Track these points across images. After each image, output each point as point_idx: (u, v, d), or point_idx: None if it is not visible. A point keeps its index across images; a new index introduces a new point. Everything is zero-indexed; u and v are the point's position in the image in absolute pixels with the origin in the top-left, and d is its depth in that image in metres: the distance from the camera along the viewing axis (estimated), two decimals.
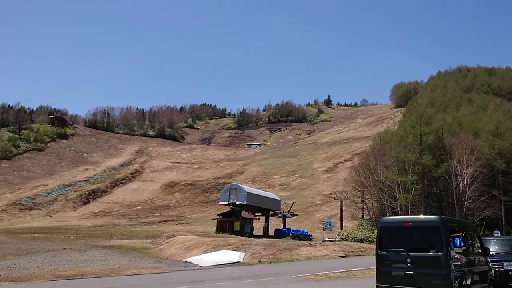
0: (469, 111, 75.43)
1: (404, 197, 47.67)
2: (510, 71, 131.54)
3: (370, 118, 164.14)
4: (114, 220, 76.70)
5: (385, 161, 52.32)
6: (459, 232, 11.61)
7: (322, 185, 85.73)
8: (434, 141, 52.79)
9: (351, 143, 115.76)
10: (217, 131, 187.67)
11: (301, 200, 75.73)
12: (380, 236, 11.14)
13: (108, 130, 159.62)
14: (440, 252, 9.88)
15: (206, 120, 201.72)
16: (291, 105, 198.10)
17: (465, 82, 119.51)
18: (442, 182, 52.67)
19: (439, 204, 52.99)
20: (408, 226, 10.86)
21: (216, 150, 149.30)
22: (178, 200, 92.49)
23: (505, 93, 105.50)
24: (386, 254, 10.75)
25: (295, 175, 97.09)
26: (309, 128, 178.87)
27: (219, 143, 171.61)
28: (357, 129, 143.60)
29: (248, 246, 31.24)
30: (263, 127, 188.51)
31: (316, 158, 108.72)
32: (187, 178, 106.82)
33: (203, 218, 73.89)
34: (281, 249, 30.56)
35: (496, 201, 49.05)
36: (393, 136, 64.11)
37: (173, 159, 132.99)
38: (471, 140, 51.62)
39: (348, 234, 45.61)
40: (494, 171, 51.32)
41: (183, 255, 31.61)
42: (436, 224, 10.34)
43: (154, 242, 43.31)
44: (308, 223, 64.02)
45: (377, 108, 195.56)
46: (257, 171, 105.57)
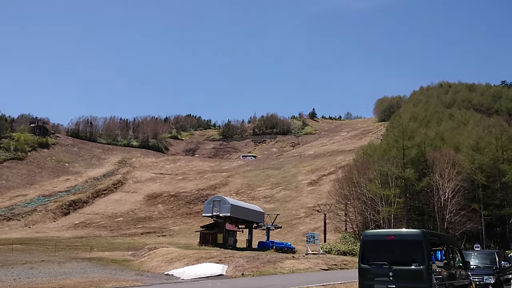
0: (450, 126, 76.87)
1: (387, 210, 48.03)
2: (490, 87, 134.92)
3: (354, 131, 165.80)
4: (95, 232, 75.34)
5: (368, 174, 52.77)
6: (441, 245, 11.71)
7: (306, 197, 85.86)
8: (416, 155, 53.54)
9: (335, 156, 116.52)
10: (201, 142, 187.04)
11: (285, 212, 75.66)
12: (362, 250, 11.17)
13: (90, 140, 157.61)
14: (422, 266, 9.94)
15: (190, 131, 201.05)
16: (276, 118, 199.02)
17: (447, 98, 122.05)
18: (424, 195, 53.30)
19: (421, 218, 53.55)
20: (390, 239, 10.91)
21: (200, 162, 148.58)
22: (161, 212, 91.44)
23: (485, 109, 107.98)
24: (369, 267, 10.77)
25: (279, 188, 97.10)
26: (293, 140, 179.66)
27: (204, 154, 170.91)
28: (341, 142, 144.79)
29: (231, 258, 30.96)
30: (248, 139, 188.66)
31: (300, 170, 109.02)
32: (170, 190, 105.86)
33: (186, 230, 73.12)
34: (264, 262, 30.35)
35: (477, 215, 49.79)
36: (376, 150, 64.81)
37: (156, 170, 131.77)
38: (452, 155, 52.50)
39: (332, 247, 45.63)
40: (474, 185, 52.19)
41: (165, 268, 31.13)
42: (418, 238, 10.42)
43: (136, 254, 42.59)
44: (291, 236, 63.89)
45: (361, 121, 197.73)
46: (241, 183, 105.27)
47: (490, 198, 52.29)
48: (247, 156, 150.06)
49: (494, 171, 52.99)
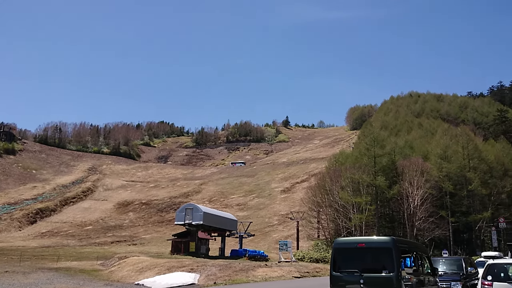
0: (419, 135, 78.83)
1: (359, 218, 48.61)
2: (457, 98, 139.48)
3: (327, 139, 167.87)
4: (63, 241, 73.13)
5: (340, 182, 53.34)
6: (410, 252, 11.90)
7: (279, 205, 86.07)
8: (387, 163, 54.54)
9: (308, 163, 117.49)
10: (174, 149, 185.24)
11: (258, 220, 75.57)
12: (334, 257, 11.24)
13: (59, 147, 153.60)
14: (392, 273, 10.06)
15: (163, 138, 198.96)
16: (250, 125, 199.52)
17: (416, 107, 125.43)
18: (394, 203, 54.27)
19: (392, 225, 54.45)
20: (361, 247, 11.02)
21: (173, 169, 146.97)
22: (131, 220, 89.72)
23: (452, 119, 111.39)
24: (340, 275, 10.83)
25: (253, 195, 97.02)
26: (267, 148, 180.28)
27: (176, 161, 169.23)
28: (314, 150, 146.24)
29: (203, 267, 30.62)
30: (222, 146, 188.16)
31: (274, 178, 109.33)
32: (142, 197, 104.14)
33: (157, 239, 71.95)
34: (237, 270, 30.15)
35: (445, 222, 51.05)
36: (348, 158, 65.66)
37: (127, 178, 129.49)
38: (421, 163, 53.75)
39: (304, 254, 45.77)
40: (442, 193, 53.55)
41: (135, 278, 30.47)
42: (387, 245, 10.56)
43: (105, 263, 41.56)
44: (264, 244, 63.80)
45: (333, 130, 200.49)
46: (214, 190, 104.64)
47: (457, 205, 53.76)
48: (236, 163, 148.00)
49: (460, 179, 54.56)
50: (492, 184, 55.52)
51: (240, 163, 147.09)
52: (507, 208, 56.92)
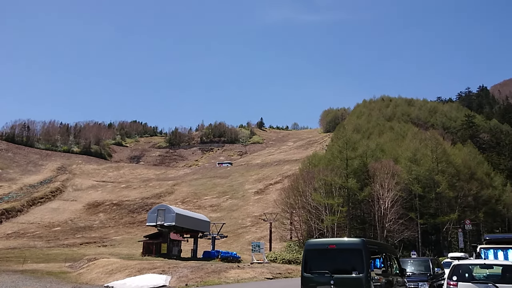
0: (390, 138, 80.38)
1: (331, 219, 49.14)
2: (427, 102, 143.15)
3: (301, 141, 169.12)
4: (30, 242, 70.98)
5: (313, 184, 53.80)
6: (379, 253, 12.11)
7: (253, 206, 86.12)
8: (359, 166, 55.37)
9: (281, 165, 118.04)
10: (147, 149, 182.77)
11: (231, 221, 75.40)
12: (305, 258, 11.31)
13: (27, 145, 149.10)
14: (361, 274, 10.21)
15: (136, 138, 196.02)
16: (224, 126, 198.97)
17: (388, 111, 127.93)
18: (365, 205, 55.12)
19: (363, 226, 55.29)
20: (332, 248, 11.13)
21: (145, 169, 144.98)
22: (102, 221, 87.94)
23: (422, 123, 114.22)
24: (311, 276, 10.91)
25: (226, 196, 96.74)
26: (241, 149, 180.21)
27: (149, 162, 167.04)
28: (288, 152, 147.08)
29: (175, 269, 30.31)
30: (195, 147, 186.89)
31: (248, 179, 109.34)
32: (113, 198, 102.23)
33: (128, 240, 70.77)
34: (209, 272, 29.99)
35: (414, 224, 52.24)
36: (321, 160, 66.30)
37: (98, 178, 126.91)
38: (392, 166, 54.81)
39: (277, 255, 45.94)
40: (411, 195, 54.77)
41: (104, 280, 29.89)
42: (358, 247, 10.71)
43: (74, 265, 40.65)
44: (237, 245, 63.71)
45: (307, 132, 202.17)
46: (187, 191, 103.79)
47: (426, 208, 55.10)
48: (223, 163, 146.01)
49: (429, 182, 55.93)
50: (459, 187, 57.20)
51: (227, 163, 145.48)
52: (473, 211, 58.78)
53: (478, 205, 60.19)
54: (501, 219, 64.87)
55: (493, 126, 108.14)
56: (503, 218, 64.92)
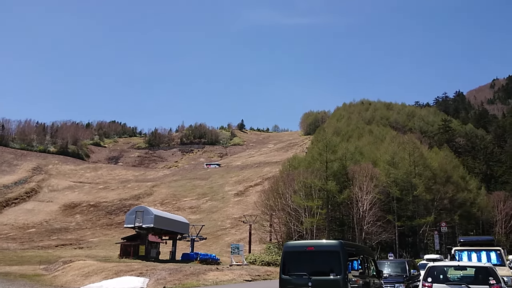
0: (369, 141, 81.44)
1: (310, 221, 49.40)
2: (405, 107, 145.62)
3: (281, 143, 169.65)
4: (3, 244, 69.12)
5: (293, 186, 54.00)
6: (357, 255, 12.21)
7: (232, 208, 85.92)
8: (338, 168, 55.87)
9: (262, 167, 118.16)
10: (126, 150, 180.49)
11: (211, 223, 75.06)
12: (284, 260, 11.33)
13: (1, 145, 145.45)
14: (339, 276, 10.28)
15: (114, 138, 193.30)
16: (205, 127, 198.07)
17: (367, 115, 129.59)
18: (344, 207, 55.65)
19: (341, 228, 55.78)
20: (310, 250, 11.17)
21: (123, 170, 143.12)
22: (78, 223, 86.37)
23: (400, 127, 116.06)
24: (289, 278, 10.93)
25: (206, 198, 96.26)
26: (221, 151, 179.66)
27: (128, 163, 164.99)
28: (268, 154, 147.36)
29: (153, 271, 29.93)
30: (175, 148, 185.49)
31: (228, 181, 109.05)
32: (90, 199, 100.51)
33: (105, 242, 69.66)
34: (188, 274, 29.72)
35: (391, 226, 53.00)
36: (302, 162, 66.67)
37: (75, 178, 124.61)
38: (371, 168, 55.51)
39: (256, 257, 45.89)
40: (389, 198, 55.59)
41: (80, 282, 29.32)
42: (335, 249, 10.77)
43: (48, 268, 39.73)
44: (216, 247, 63.42)
45: (287, 134, 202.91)
46: (166, 193, 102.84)
47: (403, 210, 55.99)
48: (211, 164, 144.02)
49: (407, 185, 56.86)
50: (435, 190, 58.32)
51: (215, 164, 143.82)
52: (448, 213, 60.00)
53: (454, 208, 61.47)
54: (475, 222, 66.41)
55: (469, 131, 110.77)
56: (477, 221, 66.46)
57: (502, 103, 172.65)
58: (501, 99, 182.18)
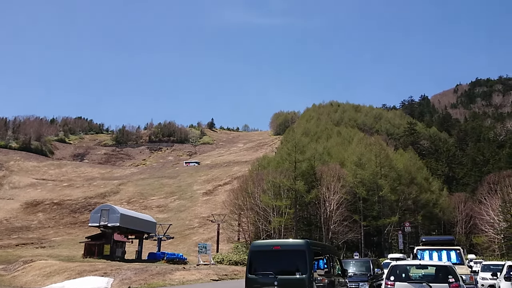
0: (337, 142, 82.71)
1: (278, 221, 49.74)
2: (373, 109, 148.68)
3: (251, 143, 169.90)
4: None
5: (262, 186, 54.24)
6: (323, 254, 12.36)
7: (201, 207, 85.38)
8: (307, 168, 56.50)
9: (231, 166, 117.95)
10: (92, 147, 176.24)
11: (179, 222, 74.34)
12: (250, 260, 11.33)
13: None
14: (305, 275, 10.36)
15: (80, 135, 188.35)
16: (174, 126, 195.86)
17: (336, 116, 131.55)
18: (312, 207, 56.33)
19: (309, 228, 56.43)
20: (276, 249, 11.22)
21: (89, 168, 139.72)
22: (41, 221, 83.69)
23: (368, 128, 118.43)
24: (255, 277, 10.94)
25: (174, 197, 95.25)
26: (191, 149, 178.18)
27: (94, 160, 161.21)
28: (238, 153, 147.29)
29: (117, 271, 29.39)
30: (143, 146, 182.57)
31: (196, 180, 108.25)
32: (53, 197, 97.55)
33: (69, 241, 67.81)
34: (154, 273, 29.34)
35: (357, 226, 54.05)
36: (271, 162, 67.02)
37: (38, 175, 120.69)
38: (338, 169, 56.43)
39: (224, 257, 45.84)
40: (356, 198, 56.68)
41: (41, 283, 28.49)
42: (301, 248, 10.86)
43: (8, 268, 38.39)
44: (184, 246, 62.88)
45: (257, 134, 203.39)
46: (133, 191, 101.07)
47: (369, 210, 57.22)
48: (190, 163, 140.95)
49: (373, 185, 58.11)
50: (400, 191, 59.87)
51: (194, 162, 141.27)
52: (412, 214, 61.75)
53: (417, 209, 63.32)
54: (437, 222, 68.58)
55: (433, 134, 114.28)
56: (439, 221, 68.66)
57: (464, 108, 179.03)
58: (464, 104, 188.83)
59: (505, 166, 71.66)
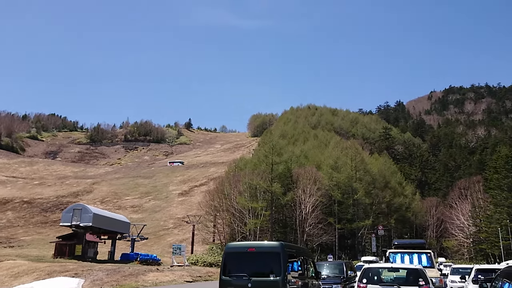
0: (314, 145, 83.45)
1: (254, 223, 49.77)
2: (349, 113, 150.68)
3: (228, 144, 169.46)
4: None
5: (238, 187, 54.18)
6: (297, 257, 12.41)
7: (176, 208, 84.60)
8: (283, 171, 56.76)
9: (208, 167, 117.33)
10: (65, 145, 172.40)
11: (153, 223, 73.45)
12: (224, 261, 11.29)
13: None
14: (279, 277, 10.38)
15: (53, 132, 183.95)
16: (150, 125, 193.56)
17: (313, 119, 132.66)
18: (288, 209, 56.61)
19: (284, 230, 56.69)
20: (251, 251, 11.21)
21: (62, 166, 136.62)
22: (10, 220, 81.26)
23: (344, 132, 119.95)
24: (229, 279, 10.90)
25: (149, 197, 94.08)
26: (167, 149, 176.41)
27: (67, 158, 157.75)
28: (215, 154, 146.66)
29: (89, 272, 28.80)
30: (119, 144, 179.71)
31: (172, 180, 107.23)
32: (23, 195, 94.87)
33: (39, 241, 66.06)
34: (126, 275, 28.88)
35: (332, 228, 54.61)
36: (248, 164, 67.05)
37: (8, 173, 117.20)
38: (314, 172, 56.91)
39: (198, 258, 45.56)
40: (331, 201, 57.27)
41: (8, 283, 27.63)
42: (276, 250, 10.88)
43: None
44: (158, 247, 62.15)
45: (235, 135, 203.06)
46: (107, 191, 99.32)
47: (344, 213, 57.91)
48: (174, 162, 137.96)
49: (348, 189, 58.87)
50: (374, 195, 60.86)
51: (178, 162, 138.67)
52: (385, 217, 62.83)
53: (391, 212, 64.47)
54: (409, 226, 69.98)
55: (407, 139, 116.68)
56: (412, 225, 70.09)
57: (438, 114, 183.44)
58: (437, 110, 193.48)
59: (475, 172, 73.74)
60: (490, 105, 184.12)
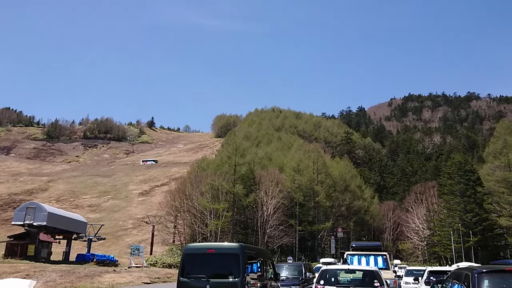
0: (278, 147, 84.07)
1: (215, 224, 49.49)
2: (313, 117, 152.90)
3: (191, 144, 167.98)
4: None
5: (200, 188, 53.73)
6: (257, 258, 12.42)
7: (136, 208, 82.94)
8: (246, 172, 56.78)
9: (169, 167, 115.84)
10: (20, 140, 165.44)
11: (111, 223, 71.68)
12: (183, 263, 11.13)
13: None
14: (237, 278, 10.33)
15: (7, 127, 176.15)
16: (111, 122, 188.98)
17: (277, 122, 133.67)
18: (249, 210, 56.68)
19: (245, 231, 56.71)
20: (210, 253, 11.11)
21: (16, 162, 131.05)
22: None
23: (307, 135, 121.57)
24: (188, 280, 10.75)
25: (108, 196, 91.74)
26: (128, 148, 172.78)
27: (21, 154, 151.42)
28: (177, 154, 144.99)
29: (41, 273, 27.67)
30: (77, 141, 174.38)
31: (133, 179, 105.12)
32: None
33: None
34: (81, 276, 27.97)
35: (293, 230, 55.13)
36: (210, 164, 66.65)
37: None
38: (277, 174, 57.30)
39: (157, 259, 44.87)
40: (293, 203, 57.82)
41: None
42: (235, 251, 10.83)
43: None
44: (116, 248, 60.70)
45: (198, 135, 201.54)
46: (64, 189, 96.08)
47: (305, 215, 58.63)
48: (148, 161, 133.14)
49: (309, 191, 59.64)
50: (334, 197, 61.98)
51: (152, 160, 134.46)
52: (345, 220, 64.09)
53: (350, 215, 65.84)
54: (368, 228, 71.74)
55: (367, 144, 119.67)
56: (370, 227, 71.87)
57: (397, 121, 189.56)
58: (397, 117, 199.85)
59: (431, 177, 76.59)
60: (446, 113, 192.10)
